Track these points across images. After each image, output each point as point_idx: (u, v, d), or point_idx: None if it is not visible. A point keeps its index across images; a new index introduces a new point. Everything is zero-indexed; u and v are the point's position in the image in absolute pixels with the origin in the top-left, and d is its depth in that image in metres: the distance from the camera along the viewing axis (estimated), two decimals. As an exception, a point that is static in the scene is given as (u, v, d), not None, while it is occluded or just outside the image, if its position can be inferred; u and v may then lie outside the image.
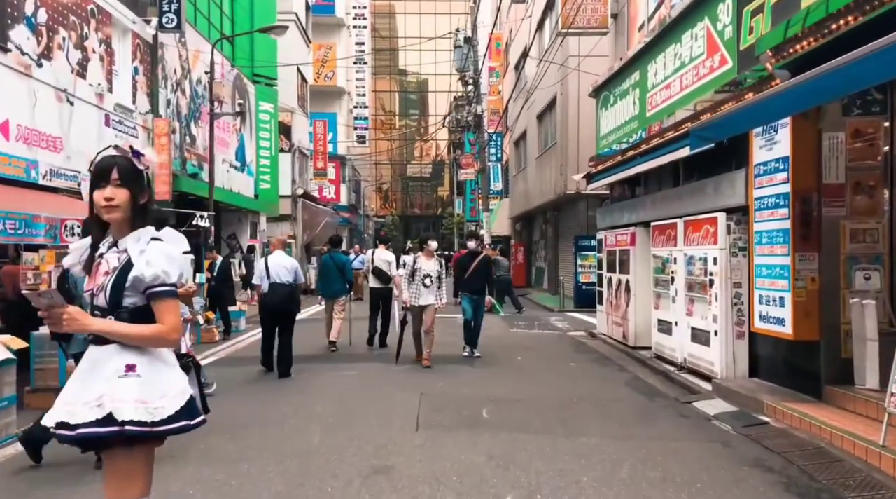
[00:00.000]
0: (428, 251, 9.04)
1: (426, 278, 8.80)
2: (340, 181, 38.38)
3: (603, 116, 12.11)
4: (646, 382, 8.13)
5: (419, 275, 8.78)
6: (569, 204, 20.12)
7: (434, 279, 8.85)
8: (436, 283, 8.88)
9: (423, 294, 8.83)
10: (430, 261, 8.95)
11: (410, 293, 8.83)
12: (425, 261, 8.91)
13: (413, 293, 8.84)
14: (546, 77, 19.79)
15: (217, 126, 16.69)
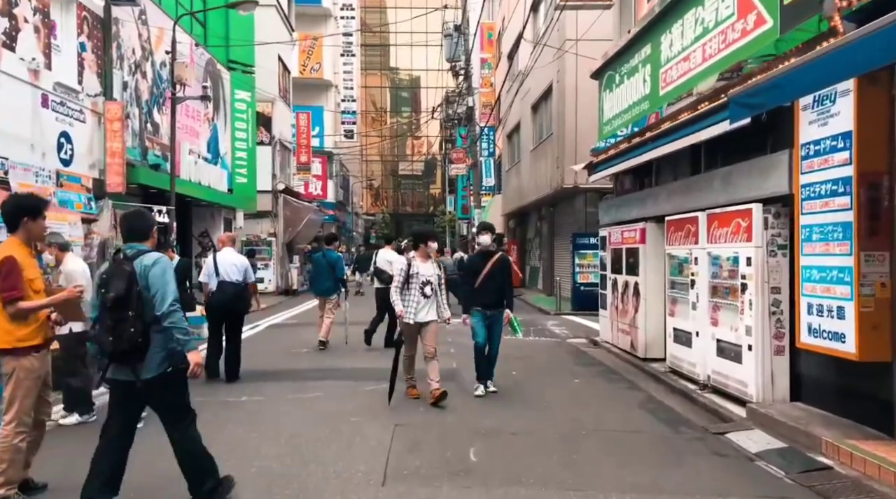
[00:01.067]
0: (424, 252, 6.85)
1: (426, 286, 6.65)
2: (327, 177, 37.03)
3: (607, 99, 10.86)
4: (663, 404, 6.89)
5: (416, 281, 6.63)
6: (566, 199, 18.88)
7: (435, 286, 6.76)
8: (437, 291, 6.81)
9: (422, 307, 6.65)
10: (427, 263, 6.84)
11: (405, 306, 6.64)
12: (422, 263, 6.76)
13: (409, 306, 6.64)
14: (541, 65, 18.54)
15: (185, 114, 15.37)
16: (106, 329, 3.48)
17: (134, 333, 3.45)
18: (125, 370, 3.54)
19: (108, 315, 3.49)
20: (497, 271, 7.22)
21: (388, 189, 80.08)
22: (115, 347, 3.46)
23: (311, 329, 12.64)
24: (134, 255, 3.61)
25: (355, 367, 8.65)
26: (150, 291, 3.51)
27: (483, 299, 7.18)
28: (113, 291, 3.48)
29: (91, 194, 10.79)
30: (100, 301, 3.58)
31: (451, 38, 26.41)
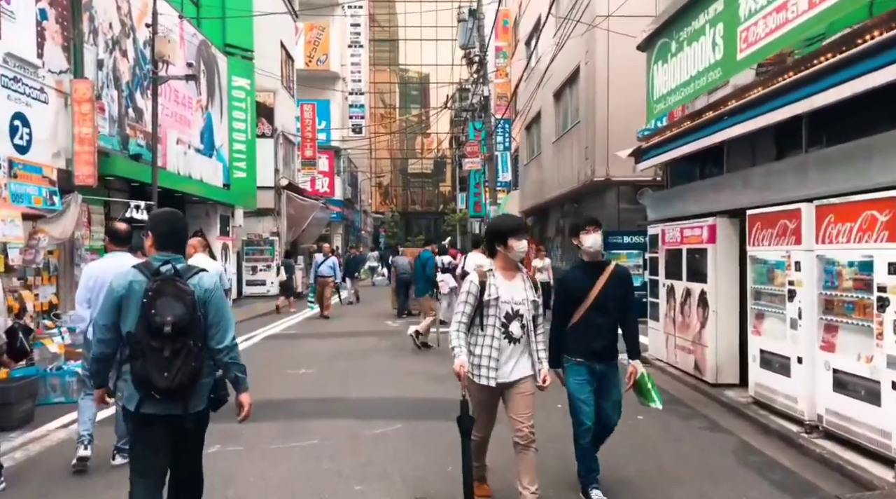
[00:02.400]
0: (507, 260, 3.89)
1: (512, 321, 3.81)
2: (334, 173, 35.50)
3: (659, 73, 9.22)
4: (764, 455, 5.24)
5: (495, 313, 3.79)
6: (594, 194, 17.21)
7: (528, 320, 3.87)
8: (530, 328, 3.90)
9: (507, 357, 3.83)
10: (515, 279, 3.90)
11: (477, 357, 3.82)
12: (504, 280, 3.86)
13: (484, 357, 3.81)
14: (566, 46, 16.88)
15: (174, 100, 13.84)
16: (157, 361, 2.90)
17: (196, 367, 2.98)
18: (174, 405, 2.99)
19: (164, 345, 2.91)
20: (611, 295, 4.19)
21: (398, 187, 78.66)
22: (171, 383, 2.91)
23: (313, 341, 11.09)
24: (185, 271, 3.07)
25: (362, 396, 7.04)
26: (210, 318, 3.05)
27: (588, 343, 4.16)
28: (171, 315, 2.91)
29: (55, 187, 9.25)
30: (142, 325, 2.93)
31: (465, 23, 24.70)
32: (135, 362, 2.93)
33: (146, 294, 2.94)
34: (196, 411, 3.07)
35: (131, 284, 2.99)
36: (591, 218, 4.61)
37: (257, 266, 20.91)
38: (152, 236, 3.16)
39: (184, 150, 13.62)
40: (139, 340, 2.92)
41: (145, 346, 2.91)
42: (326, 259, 14.93)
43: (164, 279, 2.97)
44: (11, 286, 8.09)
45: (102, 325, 3.06)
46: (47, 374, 6.73)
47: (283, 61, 22.91)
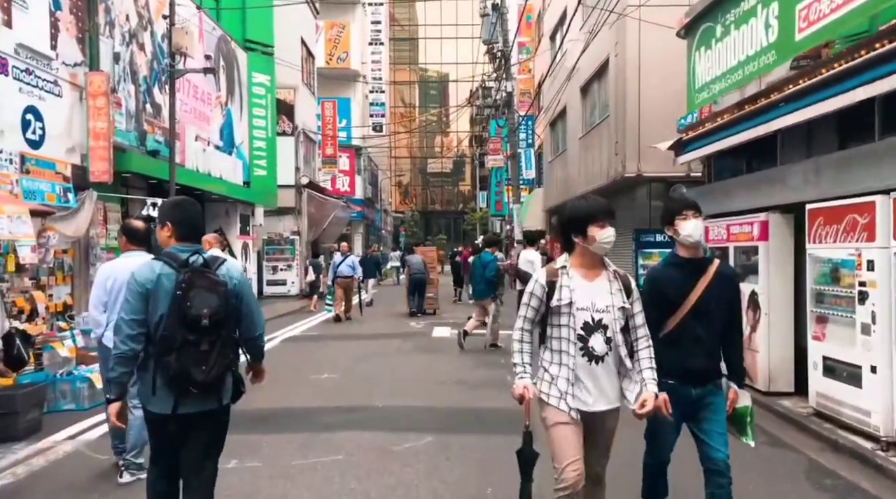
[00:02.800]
0: (586, 253, 3.12)
1: (594, 334, 2.94)
2: (355, 172, 35.19)
3: (701, 60, 8.66)
4: (839, 476, 4.69)
5: (568, 321, 2.96)
6: (624, 191, 16.62)
7: (614, 332, 2.96)
8: (617, 341, 2.97)
9: (586, 379, 2.94)
10: (598, 280, 3.08)
11: (545, 377, 3.01)
12: (582, 279, 3.05)
13: (557, 378, 2.96)
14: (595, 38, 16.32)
15: (193, 95, 13.53)
16: (194, 355, 2.82)
17: (231, 358, 2.99)
18: (209, 399, 2.95)
19: (202, 338, 2.84)
20: (715, 300, 3.32)
21: (417, 186, 78.39)
22: (207, 376, 2.85)
23: (335, 344, 10.67)
24: (213, 262, 3.02)
25: (389, 404, 6.59)
26: (243, 308, 3.06)
27: (682, 360, 3.28)
28: (207, 307, 2.85)
29: (69, 184, 8.93)
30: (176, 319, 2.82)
31: (488, 17, 24.22)
32: (166, 358, 2.80)
33: (179, 286, 2.84)
34: (228, 402, 3.06)
35: (160, 277, 2.86)
36: (690, 201, 3.53)
37: (278, 266, 20.61)
38: (171, 226, 3.04)
39: (202, 147, 13.30)
40: (173, 334, 2.81)
41: (181, 340, 2.80)
42: (345, 258, 14.12)
43: (194, 270, 2.88)
44: (23, 286, 7.77)
45: (130, 319, 2.87)
46: (56, 379, 6.37)
47: (303, 58, 22.58)
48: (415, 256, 16.08)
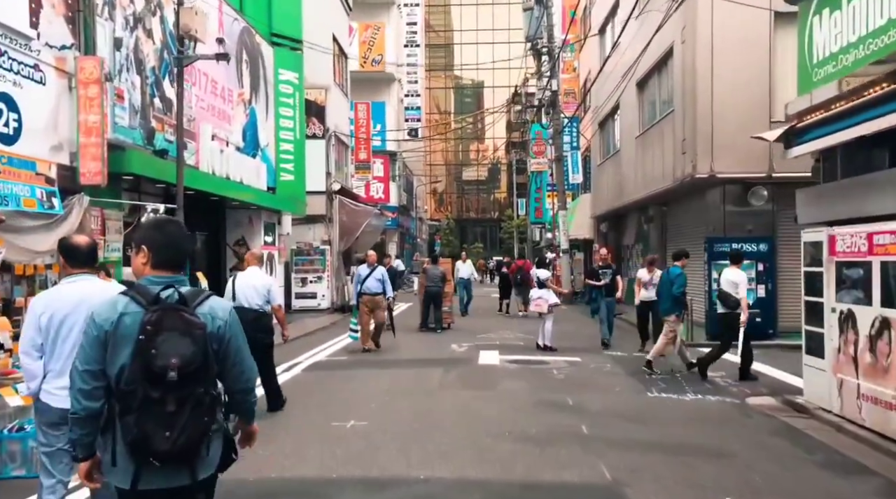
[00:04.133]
0: None
1: None
2: (389, 179, 33.83)
3: (822, 26, 6.88)
4: None
5: None
6: (692, 194, 14.79)
7: None
8: None
9: None
10: None
11: None
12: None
13: None
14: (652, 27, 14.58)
15: (212, 91, 12.20)
16: (157, 417, 2.26)
17: (206, 421, 2.35)
18: (180, 473, 2.35)
19: (168, 395, 2.26)
20: None
21: (452, 194, 77.22)
22: (173, 445, 2.27)
23: (364, 373, 9.11)
24: (192, 297, 2.43)
25: (432, 475, 4.94)
26: (228, 359, 2.49)
27: None
28: (176, 356, 2.27)
29: (54, 187, 7.56)
30: (138, 370, 2.28)
31: (531, 11, 22.62)
32: (126, 419, 2.29)
33: (143, 329, 2.31)
34: (208, 476, 2.46)
35: (122, 317, 2.37)
36: None
37: (307, 277, 19.25)
38: (146, 251, 2.51)
39: (220, 147, 11.93)
40: (133, 389, 2.29)
41: (141, 397, 2.27)
42: (373, 270, 11.09)
43: (165, 309, 2.36)
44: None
45: (84, 371, 2.39)
46: (3, 436, 4.92)
47: (335, 57, 21.25)
48: (436, 268, 14.89)
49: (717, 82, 12.82)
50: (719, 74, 12.81)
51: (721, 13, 12.69)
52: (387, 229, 34.21)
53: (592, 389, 8.22)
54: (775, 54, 12.75)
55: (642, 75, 16.70)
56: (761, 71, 12.71)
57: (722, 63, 12.79)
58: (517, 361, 10.20)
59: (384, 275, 11.22)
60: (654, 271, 11.06)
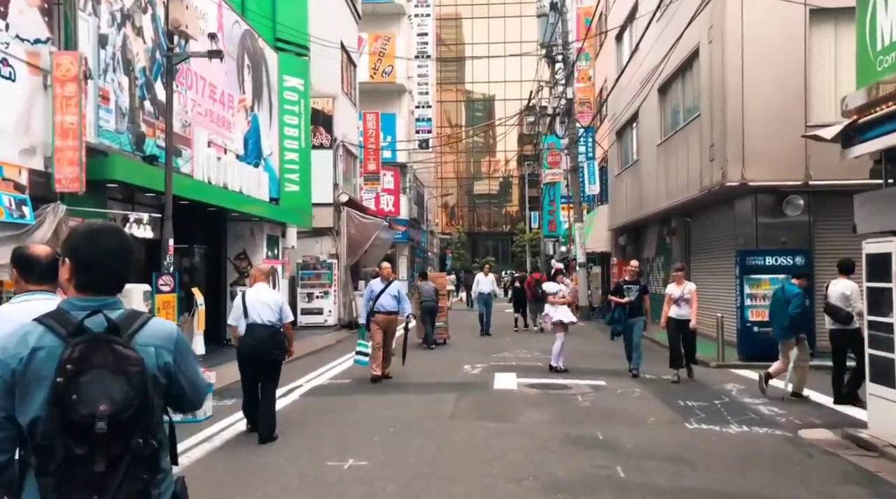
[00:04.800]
0: None
1: None
2: (400, 191, 33.11)
3: (886, 11, 6.04)
4: None
5: None
6: (720, 204, 13.91)
7: None
8: None
9: None
10: None
11: None
12: None
13: None
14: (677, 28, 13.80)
15: (210, 96, 11.53)
16: (81, 480, 1.76)
17: (148, 479, 1.85)
18: None
19: (96, 451, 1.76)
20: None
21: (464, 207, 76.64)
22: None
23: (370, 401, 8.26)
24: (126, 323, 1.89)
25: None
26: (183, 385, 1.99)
27: None
28: (106, 402, 1.76)
29: (24, 195, 6.83)
30: (56, 420, 1.76)
31: (545, 17, 21.92)
32: (44, 482, 1.75)
33: (62, 368, 1.76)
34: None
35: (34, 352, 1.81)
36: None
37: (314, 293, 18.48)
38: (69, 265, 1.95)
39: (218, 155, 11.21)
40: (50, 444, 1.74)
41: (62, 454, 1.73)
42: (388, 285, 9.63)
43: (91, 341, 1.80)
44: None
45: None
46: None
47: (343, 65, 20.61)
48: (428, 284, 14.57)
49: (747, 84, 11.98)
50: (750, 76, 11.97)
51: (752, 11, 11.90)
52: (396, 243, 33.46)
53: (623, 419, 7.33)
54: (811, 53, 11.91)
55: (664, 80, 15.87)
56: (796, 71, 11.86)
57: (753, 63, 11.96)
58: (536, 386, 9.32)
59: (400, 291, 9.86)
60: (684, 284, 10.00)
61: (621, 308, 10.31)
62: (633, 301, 10.28)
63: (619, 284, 10.93)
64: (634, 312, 10.26)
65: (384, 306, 9.58)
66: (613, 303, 10.55)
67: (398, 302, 9.68)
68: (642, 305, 10.38)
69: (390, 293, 9.65)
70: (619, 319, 10.33)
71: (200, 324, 11.09)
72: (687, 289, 9.82)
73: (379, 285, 9.72)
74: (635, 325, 10.26)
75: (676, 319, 9.86)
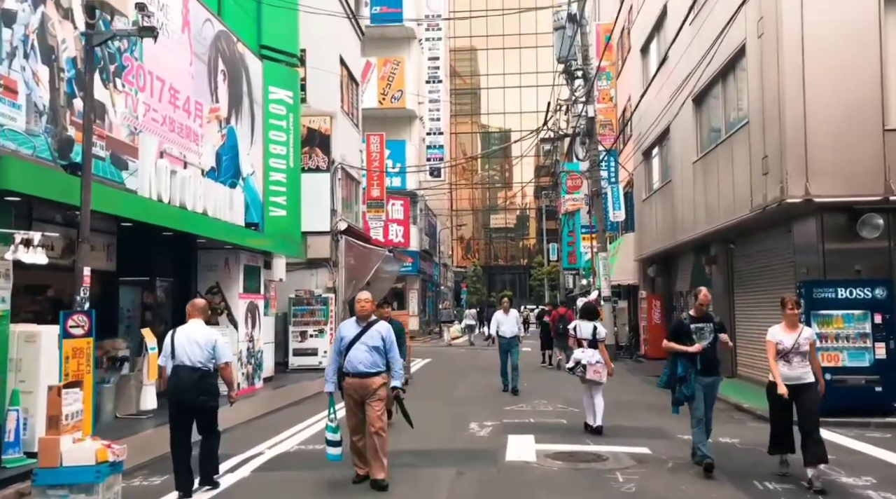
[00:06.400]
0: None
1: None
2: (410, 222, 31.32)
3: None
4: None
5: None
6: (768, 229, 11.86)
7: None
8: None
9: None
10: None
11: None
12: None
13: None
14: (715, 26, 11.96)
15: (170, 101, 9.80)
16: None
17: None
18: None
19: None
20: None
21: (479, 241, 74.94)
22: None
23: (344, 478, 6.16)
24: None
25: None
26: None
27: None
28: None
29: None
30: None
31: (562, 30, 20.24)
32: None
33: None
34: None
35: None
36: None
37: (307, 331, 16.51)
38: None
39: (173, 168, 9.37)
40: None
41: None
42: (366, 329, 6.12)
43: None
44: None
45: None
46: None
47: (343, 81, 18.95)
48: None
49: (809, 82, 10.01)
50: (813, 72, 10.00)
51: (813, -5, 10.00)
52: (406, 276, 31.57)
53: None
54: (887, 46, 9.96)
55: (701, 88, 13.94)
56: (869, 65, 9.91)
57: (815, 58, 10.00)
58: (561, 456, 7.19)
59: (388, 337, 6.16)
60: (800, 329, 6.25)
61: (686, 361, 6.57)
62: (707, 349, 6.60)
63: (683, 322, 6.83)
64: (710, 365, 6.64)
65: (356, 365, 6.00)
66: (673, 352, 6.72)
67: (381, 356, 6.07)
68: (715, 355, 6.75)
69: (367, 343, 6.04)
70: (684, 379, 6.53)
71: (152, 373, 9.15)
72: (804, 335, 6.21)
73: (352, 329, 6.13)
74: (712, 387, 6.74)
75: (793, 384, 6.10)
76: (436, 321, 38.35)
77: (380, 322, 6.30)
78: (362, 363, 6.00)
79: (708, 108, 14.38)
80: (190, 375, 5.69)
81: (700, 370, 6.55)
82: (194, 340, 5.79)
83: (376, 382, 6.02)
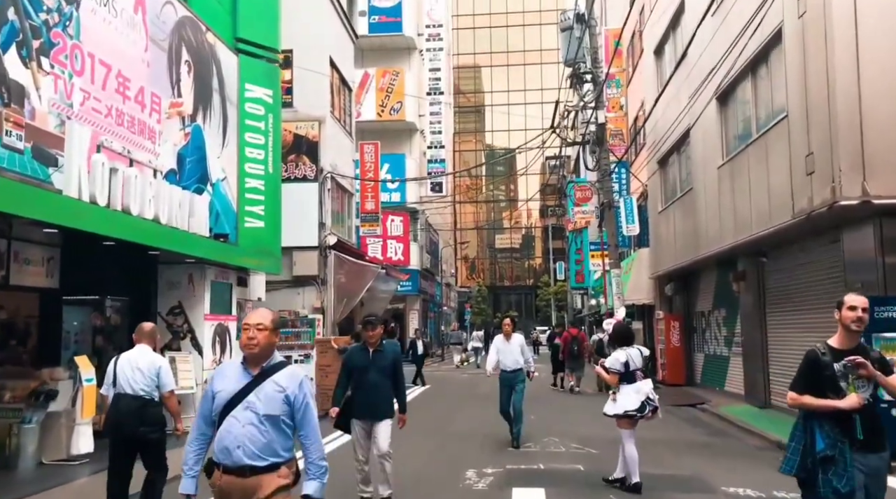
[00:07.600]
0: None
1: None
2: (410, 239, 29.83)
3: None
4: None
5: None
6: (809, 239, 10.33)
7: None
8: None
9: None
10: None
11: None
12: None
13: None
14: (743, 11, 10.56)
15: (117, 89, 8.43)
16: None
17: None
18: None
19: None
20: None
21: (484, 260, 73.54)
22: None
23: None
24: None
25: None
26: None
27: None
28: None
29: None
30: None
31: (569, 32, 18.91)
32: None
33: None
34: None
35: None
36: None
37: (291, 356, 14.89)
38: None
39: (113, 165, 7.90)
40: None
41: None
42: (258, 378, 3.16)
43: None
44: None
45: None
46: None
47: (334, 85, 17.62)
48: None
49: (865, 64, 8.53)
50: (868, 53, 8.54)
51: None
52: (407, 295, 30.01)
53: None
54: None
55: (728, 83, 12.49)
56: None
57: (871, 36, 8.54)
58: (580, 522, 5.62)
59: (305, 390, 3.24)
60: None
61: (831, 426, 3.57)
62: (869, 403, 3.56)
63: (821, 359, 3.69)
64: (873, 432, 3.57)
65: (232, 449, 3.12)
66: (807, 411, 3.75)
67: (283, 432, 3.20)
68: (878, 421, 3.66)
69: (258, 407, 3.14)
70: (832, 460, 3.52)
71: (87, 409, 7.68)
72: None
73: (238, 378, 3.21)
74: (878, 473, 3.57)
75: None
76: (438, 343, 36.70)
77: (287, 367, 3.27)
78: (242, 447, 3.10)
79: (735, 105, 12.92)
80: (131, 403, 5.39)
81: (860, 443, 3.53)
82: (136, 367, 5.53)
83: (270, 483, 3.13)
